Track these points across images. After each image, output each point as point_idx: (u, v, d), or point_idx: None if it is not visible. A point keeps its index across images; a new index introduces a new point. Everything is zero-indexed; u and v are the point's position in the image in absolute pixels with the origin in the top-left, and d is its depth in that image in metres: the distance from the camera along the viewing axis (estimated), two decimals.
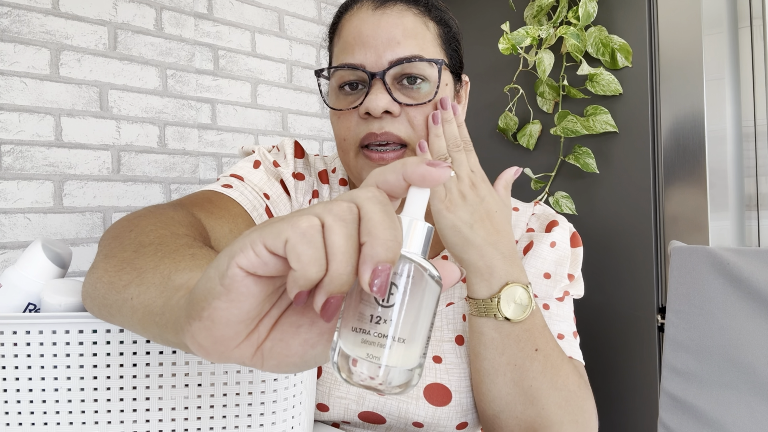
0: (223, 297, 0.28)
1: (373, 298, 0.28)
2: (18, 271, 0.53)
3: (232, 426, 0.50)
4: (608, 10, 1.21)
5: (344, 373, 0.29)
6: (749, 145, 1.16)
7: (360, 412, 0.66)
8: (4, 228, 1.11)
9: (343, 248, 0.27)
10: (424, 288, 0.29)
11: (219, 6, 1.45)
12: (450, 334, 0.67)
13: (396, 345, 0.28)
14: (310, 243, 0.27)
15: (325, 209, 0.28)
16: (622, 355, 1.20)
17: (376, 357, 0.28)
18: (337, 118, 0.67)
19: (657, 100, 1.16)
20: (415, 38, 0.64)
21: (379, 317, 0.28)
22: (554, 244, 0.70)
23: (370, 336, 0.28)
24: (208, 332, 0.28)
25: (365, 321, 0.28)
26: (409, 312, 0.29)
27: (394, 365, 0.28)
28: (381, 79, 0.62)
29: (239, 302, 0.28)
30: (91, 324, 0.47)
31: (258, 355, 0.30)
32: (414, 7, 0.66)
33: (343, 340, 0.29)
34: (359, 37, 0.64)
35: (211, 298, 0.28)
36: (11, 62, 1.12)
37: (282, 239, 0.27)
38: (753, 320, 0.78)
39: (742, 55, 1.16)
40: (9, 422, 0.47)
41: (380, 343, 0.28)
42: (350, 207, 0.29)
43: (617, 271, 1.20)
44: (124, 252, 0.45)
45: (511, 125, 1.36)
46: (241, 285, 0.28)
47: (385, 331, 0.28)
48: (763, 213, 1.14)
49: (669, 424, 0.82)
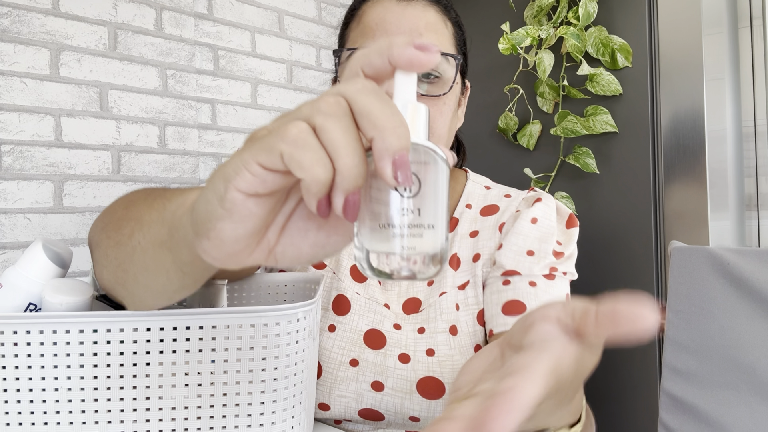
0: (226, 219, 0.28)
1: (394, 191, 0.28)
2: (18, 271, 0.53)
3: (232, 426, 0.50)
4: (608, 10, 1.21)
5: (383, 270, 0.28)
6: (749, 145, 1.16)
7: (360, 410, 0.67)
8: (4, 228, 1.11)
9: (344, 141, 0.26)
10: (437, 171, 0.29)
11: (219, 6, 1.45)
12: (444, 325, 0.67)
13: (426, 232, 0.28)
14: (307, 147, 0.26)
15: (312, 109, 0.27)
16: (622, 354, 1.20)
17: (411, 247, 0.28)
18: None
19: (657, 100, 1.16)
20: (436, 33, 0.66)
21: (404, 208, 0.28)
22: (535, 220, 0.69)
23: (399, 229, 0.28)
24: (218, 249, 0.29)
25: (391, 215, 0.28)
26: (431, 198, 0.28)
27: (429, 251, 0.28)
28: None
29: (243, 222, 0.28)
30: (92, 324, 0.47)
31: (272, 258, 0.30)
32: (436, 4, 0.68)
33: (370, 240, 0.28)
34: (382, 23, 0.65)
35: (214, 220, 0.28)
36: (11, 62, 1.12)
37: (276, 153, 0.26)
38: (753, 320, 0.78)
39: (742, 55, 1.16)
40: (9, 422, 0.47)
41: (412, 233, 0.28)
42: (338, 100, 0.27)
43: (617, 271, 1.20)
44: (116, 214, 0.47)
45: (511, 125, 1.36)
46: (243, 207, 0.27)
47: (414, 221, 0.28)
48: (763, 213, 1.14)
49: (669, 424, 0.82)
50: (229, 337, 0.49)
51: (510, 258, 0.68)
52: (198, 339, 0.49)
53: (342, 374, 0.67)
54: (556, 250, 0.69)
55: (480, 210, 0.75)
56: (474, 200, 0.76)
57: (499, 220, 0.72)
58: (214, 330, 0.49)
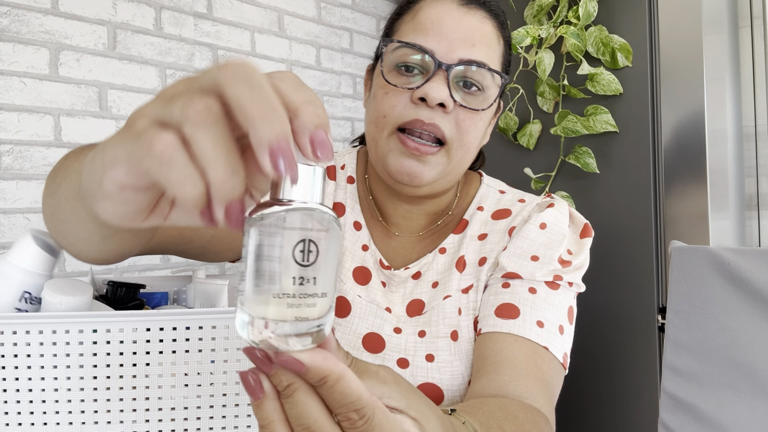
0: (106, 200, 0.28)
1: (292, 259, 0.27)
2: (9, 261, 0.53)
3: (232, 426, 0.50)
4: (608, 10, 1.21)
5: (264, 338, 0.27)
6: (750, 145, 1.16)
7: None
8: (4, 228, 1.11)
9: (214, 154, 0.24)
10: (336, 236, 0.28)
11: (218, 6, 1.45)
12: (445, 329, 0.66)
13: (320, 300, 0.28)
14: (173, 164, 0.24)
15: (181, 114, 0.25)
16: (622, 355, 1.19)
17: (304, 317, 0.27)
18: (385, 93, 0.65)
19: (657, 99, 1.16)
20: (488, 47, 0.65)
21: (303, 278, 0.27)
22: (544, 225, 0.68)
23: (295, 299, 0.27)
24: (109, 215, 0.29)
25: (287, 284, 0.27)
26: (328, 266, 0.28)
27: (316, 317, 0.28)
28: (446, 71, 0.62)
29: (123, 204, 0.28)
30: (91, 324, 0.47)
31: (169, 221, 0.31)
32: (495, 19, 0.67)
33: (257, 306, 0.27)
34: (438, 24, 0.64)
35: (97, 199, 0.28)
36: (10, 62, 1.11)
37: (143, 169, 0.25)
38: (753, 320, 0.78)
39: (742, 55, 1.16)
40: (9, 422, 0.47)
41: (307, 303, 0.27)
42: (208, 105, 0.25)
43: (617, 271, 1.20)
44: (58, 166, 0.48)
45: (511, 125, 1.36)
46: (119, 195, 0.27)
47: (309, 290, 0.27)
48: (763, 213, 1.14)
49: (669, 424, 0.82)
50: (229, 337, 0.49)
51: (513, 261, 0.66)
52: (198, 339, 0.48)
53: None
54: (564, 258, 0.67)
55: (492, 213, 0.73)
56: (486, 203, 0.75)
57: (510, 224, 0.71)
58: (214, 330, 0.49)
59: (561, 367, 0.64)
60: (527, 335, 0.62)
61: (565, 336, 0.65)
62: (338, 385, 0.27)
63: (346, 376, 0.27)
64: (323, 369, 0.27)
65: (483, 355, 0.62)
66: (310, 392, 0.28)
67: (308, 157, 0.26)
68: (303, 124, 0.26)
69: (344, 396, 0.27)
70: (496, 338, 0.62)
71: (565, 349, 0.65)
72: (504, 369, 0.59)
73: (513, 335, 0.62)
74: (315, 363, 0.27)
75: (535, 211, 0.71)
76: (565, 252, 0.68)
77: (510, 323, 0.63)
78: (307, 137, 0.26)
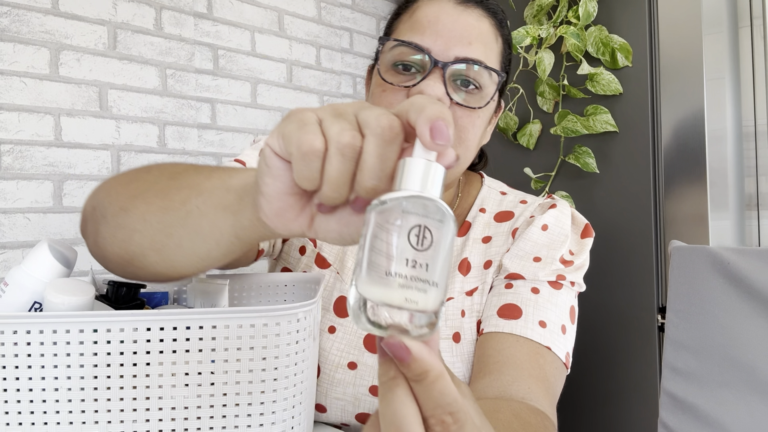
0: (267, 173, 0.33)
1: (406, 240, 0.28)
2: (24, 270, 0.53)
3: (232, 426, 0.50)
4: (608, 10, 1.21)
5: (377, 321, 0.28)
6: (749, 145, 1.16)
7: (357, 414, 0.66)
8: (4, 228, 1.11)
9: (334, 179, 0.31)
10: (449, 231, 0.29)
11: (219, 5, 1.45)
12: (447, 331, 0.66)
13: (431, 289, 0.28)
14: (306, 165, 0.31)
15: (335, 135, 0.30)
16: (622, 354, 1.20)
17: (414, 301, 0.28)
18: (382, 92, 0.65)
19: (657, 99, 1.16)
20: (486, 46, 0.64)
21: (414, 260, 0.28)
22: (546, 227, 0.68)
23: (405, 280, 0.28)
24: (269, 205, 0.34)
25: (400, 265, 0.28)
26: (441, 256, 0.29)
27: (429, 309, 0.28)
28: (442, 70, 0.62)
29: (278, 177, 0.33)
30: (92, 324, 0.47)
31: (313, 229, 0.35)
32: (492, 17, 0.66)
33: (370, 288, 0.28)
34: (435, 22, 0.63)
35: (263, 176, 0.34)
36: (11, 62, 1.11)
37: (288, 150, 0.31)
38: (753, 320, 0.78)
39: (742, 55, 1.16)
40: (9, 422, 0.47)
41: (418, 287, 0.28)
42: (353, 143, 0.30)
43: (617, 270, 1.20)
44: (158, 184, 0.48)
45: (511, 125, 1.36)
46: (273, 162, 0.33)
47: (422, 275, 0.28)
48: (763, 213, 1.14)
49: (669, 423, 0.82)
50: (229, 337, 0.49)
51: (515, 262, 0.67)
52: (198, 339, 0.49)
53: (339, 377, 0.66)
54: (566, 258, 0.68)
55: (494, 215, 0.73)
56: (488, 205, 0.75)
57: (512, 226, 0.71)
58: (214, 330, 0.49)
59: (563, 367, 0.64)
60: (529, 335, 0.62)
61: (567, 336, 0.65)
62: (438, 383, 0.27)
63: (446, 376, 0.28)
64: (427, 362, 0.27)
65: (485, 354, 0.62)
66: (409, 391, 0.28)
67: (424, 140, 0.29)
68: (425, 115, 0.29)
69: (442, 395, 0.27)
70: (498, 338, 0.62)
71: (568, 348, 0.65)
72: (506, 369, 0.59)
73: (515, 335, 0.62)
74: (421, 354, 0.27)
75: (537, 213, 0.71)
76: (567, 252, 0.68)
77: (512, 323, 0.63)
78: (427, 126, 0.29)
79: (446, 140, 0.29)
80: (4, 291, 0.53)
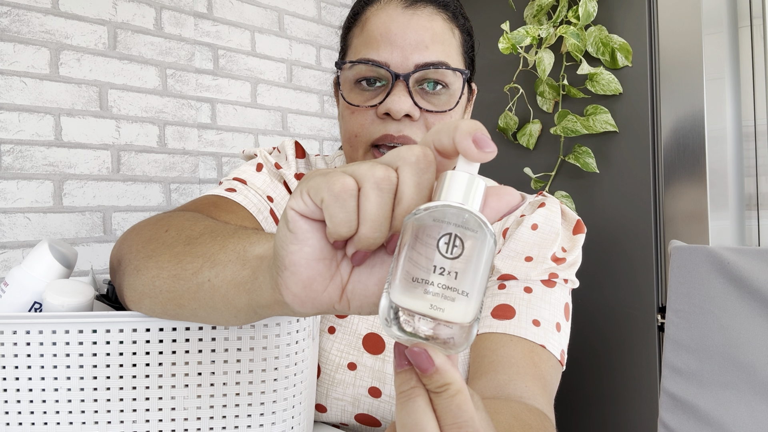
0: (292, 240, 0.30)
1: (436, 248, 0.28)
2: (24, 270, 0.53)
3: (232, 426, 0.50)
4: (608, 10, 1.21)
5: (406, 329, 0.28)
6: (749, 145, 1.16)
7: (356, 414, 0.66)
8: (4, 228, 1.11)
9: (374, 216, 0.29)
10: (484, 244, 0.29)
11: (219, 5, 1.45)
12: None
13: (460, 297, 0.28)
14: (342, 207, 0.29)
15: (367, 172, 0.29)
16: (622, 354, 1.20)
17: (440, 308, 0.28)
18: (351, 113, 0.65)
19: (657, 99, 1.16)
20: (443, 44, 0.63)
21: (442, 268, 0.28)
22: (536, 226, 0.68)
23: (432, 287, 0.28)
24: (295, 277, 0.31)
25: (427, 271, 0.28)
26: (471, 266, 0.28)
27: (458, 320, 0.28)
28: (405, 81, 0.61)
29: (305, 241, 0.30)
30: (92, 324, 0.47)
31: (344, 299, 0.32)
32: (444, 11, 0.65)
33: (401, 295, 0.28)
34: (386, 34, 0.62)
35: (286, 245, 0.31)
36: (11, 62, 1.12)
37: (319, 197, 0.29)
38: (753, 320, 0.78)
39: (742, 55, 1.16)
40: (9, 422, 0.47)
41: (445, 295, 0.28)
42: (388, 175, 0.29)
43: (617, 270, 1.20)
44: (174, 248, 0.46)
45: (511, 125, 1.36)
46: (299, 226, 0.30)
47: (449, 282, 0.28)
48: (763, 213, 1.14)
49: (669, 423, 0.82)
50: (229, 338, 0.49)
51: (507, 263, 0.67)
52: (198, 339, 0.49)
53: (339, 377, 0.66)
54: (557, 255, 0.67)
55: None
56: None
57: (503, 225, 0.70)
58: (214, 330, 0.49)
59: (558, 365, 0.64)
60: (523, 334, 0.62)
61: (561, 333, 0.65)
62: (457, 398, 0.27)
63: (465, 391, 0.28)
64: (450, 375, 0.27)
65: (480, 355, 0.62)
66: (429, 402, 0.28)
67: (472, 154, 0.29)
68: (463, 131, 0.29)
69: (460, 411, 0.27)
70: (493, 338, 0.62)
71: (562, 346, 0.65)
72: (502, 369, 0.59)
73: (509, 335, 0.62)
74: (444, 366, 0.27)
75: (527, 211, 0.71)
76: (559, 249, 0.68)
77: (506, 323, 0.63)
78: (469, 139, 0.29)
79: (492, 148, 0.28)
80: (5, 291, 0.53)
